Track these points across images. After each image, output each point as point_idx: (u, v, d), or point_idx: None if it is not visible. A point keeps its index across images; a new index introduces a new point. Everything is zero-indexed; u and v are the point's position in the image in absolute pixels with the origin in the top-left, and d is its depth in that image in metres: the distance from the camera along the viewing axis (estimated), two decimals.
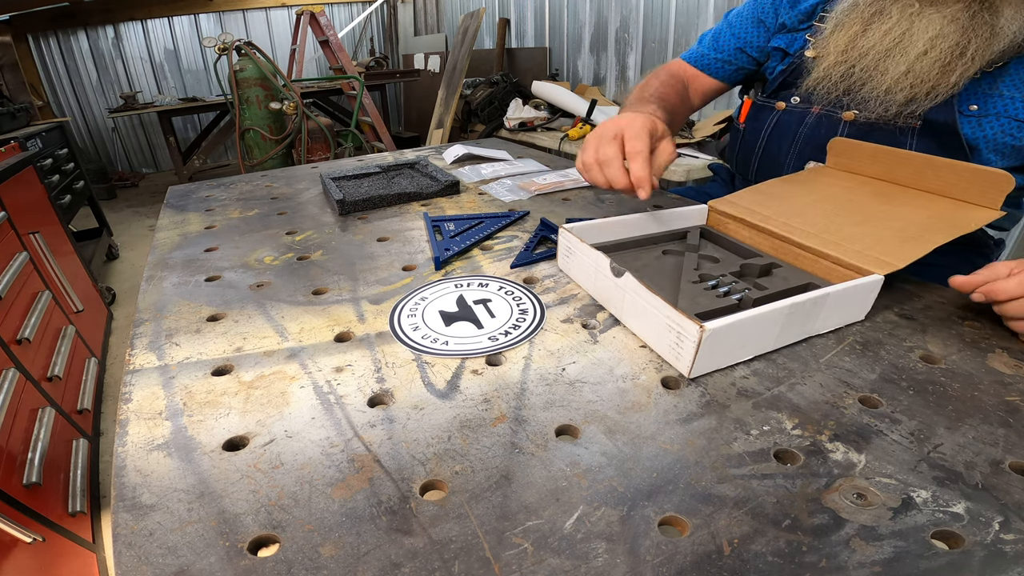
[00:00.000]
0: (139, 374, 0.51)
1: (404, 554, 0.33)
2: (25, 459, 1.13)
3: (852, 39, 0.82)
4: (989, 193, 0.62)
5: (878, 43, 0.79)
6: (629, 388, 0.47)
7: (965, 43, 0.70)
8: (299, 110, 2.89)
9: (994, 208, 0.62)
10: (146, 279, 0.72)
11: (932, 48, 0.72)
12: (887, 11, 0.78)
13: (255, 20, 5.12)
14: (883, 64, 0.78)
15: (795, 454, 0.39)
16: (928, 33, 0.73)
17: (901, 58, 0.76)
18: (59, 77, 4.64)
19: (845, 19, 0.83)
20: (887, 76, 0.78)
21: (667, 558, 0.32)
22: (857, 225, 0.63)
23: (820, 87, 0.87)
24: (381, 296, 0.64)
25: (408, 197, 0.97)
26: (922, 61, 0.73)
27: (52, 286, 1.72)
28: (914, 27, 0.74)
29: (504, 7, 4.15)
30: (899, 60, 0.76)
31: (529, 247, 0.75)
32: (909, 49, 0.75)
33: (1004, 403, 0.44)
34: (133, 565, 0.32)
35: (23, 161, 1.97)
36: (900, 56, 0.76)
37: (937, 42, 0.72)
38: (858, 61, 0.81)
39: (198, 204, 1.03)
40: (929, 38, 0.73)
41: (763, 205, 0.71)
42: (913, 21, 0.74)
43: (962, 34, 0.70)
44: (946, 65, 0.72)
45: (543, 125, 3.11)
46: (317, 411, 0.45)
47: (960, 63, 0.71)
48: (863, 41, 0.81)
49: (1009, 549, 0.32)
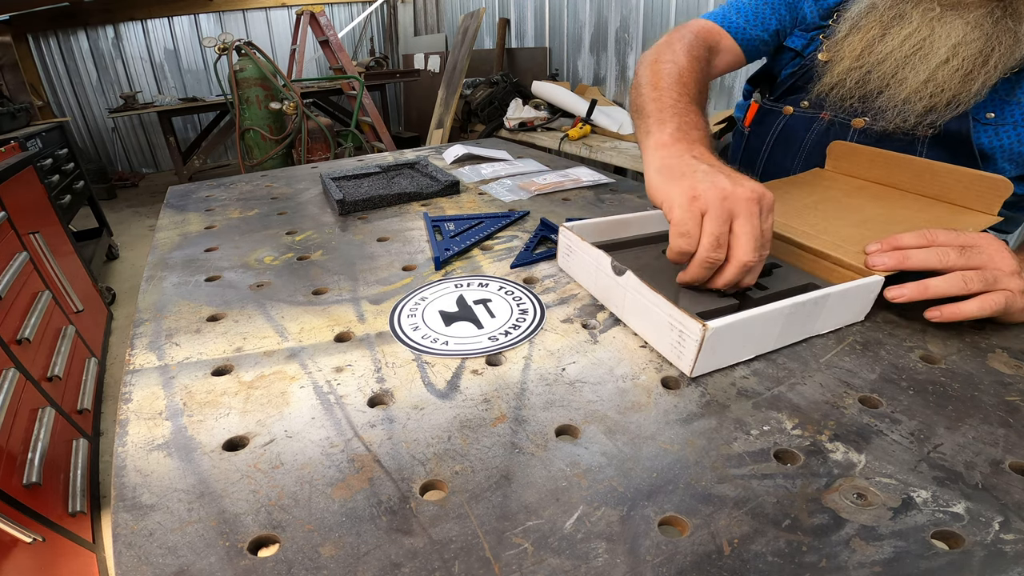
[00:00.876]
0: (139, 374, 0.51)
1: (404, 554, 0.33)
2: (25, 459, 1.13)
3: (869, 44, 0.77)
4: (987, 198, 0.63)
5: (896, 49, 0.75)
6: (629, 388, 0.47)
7: (988, 51, 0.67)
8: (299, 110, 2.89)
9: (991, 213, 0.62)
10: (146, 279, 0.72)
11: (954, 56, 0.69)
12: (907, 15, 0.74)
13: (255, 20, 5.12)
14: (902, 72, 0.74)
15: (795, 454, 0.39)
16: (951, 40, 0.69)
17: (921, 66, 0.72)
18: (59, 77, 4.64)
19: (863, 22, 0.79)
20: (906, 85, 0.74)
21: (667, 558, 0.32)
22: (857, 226, 0.63)
23: (833, 93, 0.82)
24: (381, 296, 0.64)
25: (408, 197, 0.97)
26: (943, 69, 0.70)
27: (52, 286, 1.72)
28: (935, 33, 0.71)
29: (504, 7, 4.15)
30: (919, 68, 0.72)
31: (529, 247, 0.75)
32: (930, 56, 0.71)
33: (1004, 403, 0.44)
34: (133, 565, 0.32)
35: (23, 161, 1.97)
36: (920, 63, 0.72)
37: (959, 50, 0.69)
38: (875, 68, 0.77)
39: (198, 204, 1.03)
40: (952, 45, 0.69)
41: None
42: (934, 27, 0.71)
43: (986, 41, 0.67)
44: (968, 74, 0.69)
45: (543, 125, 3.11)
46: (317, 411, 0.45)
47: (983, 72, 0.68)
48: (881, 46, 0.76)
49: (1009, 549, 0.32)
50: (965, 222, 0.61)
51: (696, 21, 0.94)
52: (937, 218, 0.63)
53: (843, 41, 0.81)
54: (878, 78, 0.77)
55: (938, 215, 0.64)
